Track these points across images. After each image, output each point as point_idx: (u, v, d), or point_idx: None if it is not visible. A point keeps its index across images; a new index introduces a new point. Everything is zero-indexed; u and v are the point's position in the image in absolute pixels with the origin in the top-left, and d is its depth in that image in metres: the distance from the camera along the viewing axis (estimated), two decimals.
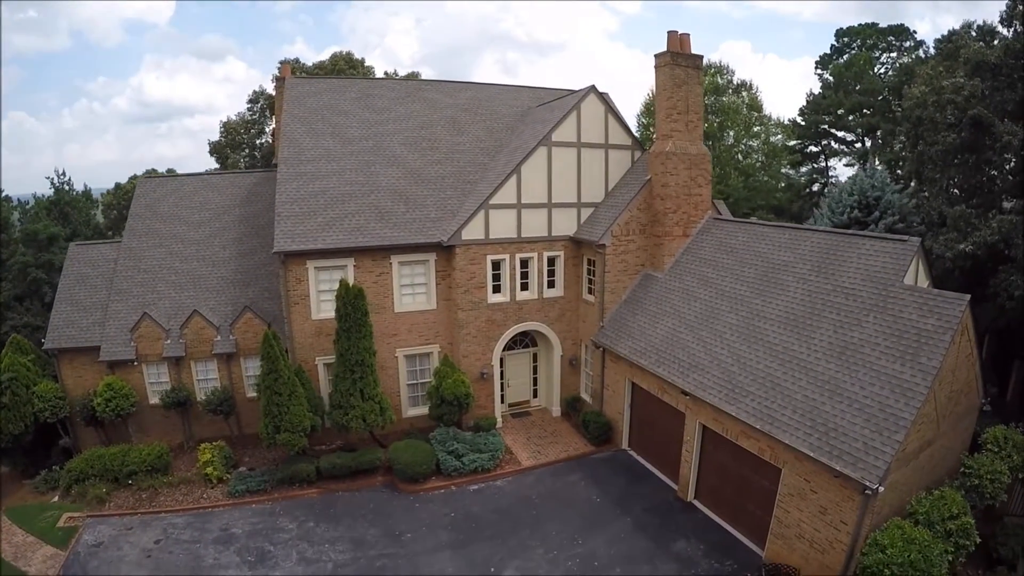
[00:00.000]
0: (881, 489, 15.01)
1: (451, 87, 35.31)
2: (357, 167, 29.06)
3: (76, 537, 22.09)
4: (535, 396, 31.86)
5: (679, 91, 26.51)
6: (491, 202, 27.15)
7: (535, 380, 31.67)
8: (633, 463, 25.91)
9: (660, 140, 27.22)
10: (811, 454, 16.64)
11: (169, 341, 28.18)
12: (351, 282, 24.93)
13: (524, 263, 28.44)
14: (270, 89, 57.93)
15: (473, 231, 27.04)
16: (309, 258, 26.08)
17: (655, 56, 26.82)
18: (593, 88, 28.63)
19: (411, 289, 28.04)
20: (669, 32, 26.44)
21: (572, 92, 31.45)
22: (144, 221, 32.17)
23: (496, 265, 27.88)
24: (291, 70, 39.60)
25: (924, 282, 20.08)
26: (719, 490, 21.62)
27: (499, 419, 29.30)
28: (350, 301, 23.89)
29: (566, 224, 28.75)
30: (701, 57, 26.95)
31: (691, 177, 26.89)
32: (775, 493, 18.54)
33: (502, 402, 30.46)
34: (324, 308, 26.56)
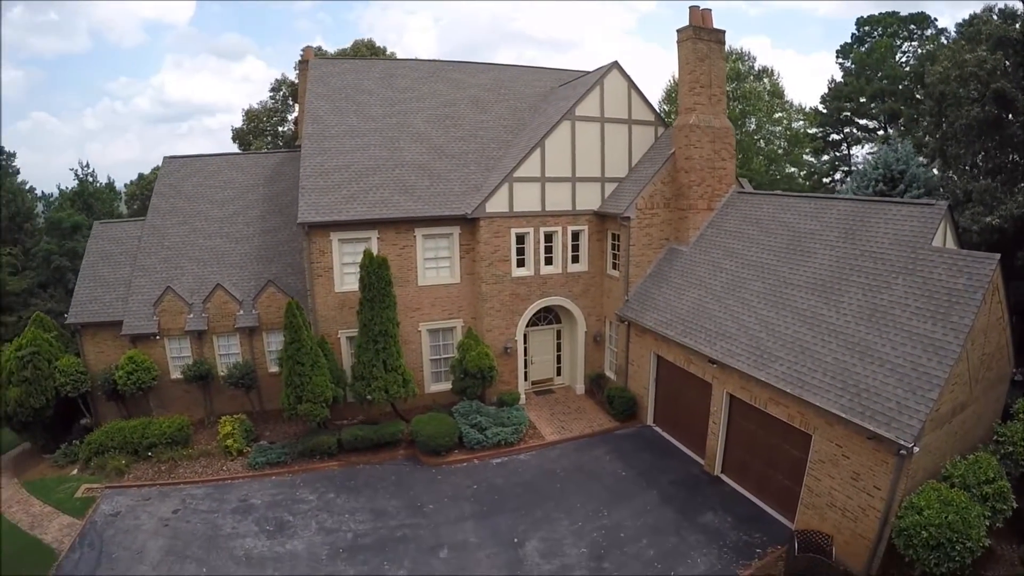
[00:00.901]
0: (916, 449, 14.69)
1: (473, 68, 35.22)
2: (381, 143, 29.04)
3: (93, 507, 22.12)
4: (559, 374, 31.64)
5: (702, 65, 26.34)
6: (515, 175, 27.04)
7: (559, 357, 31.46)
8: (658, 438, 25.64)
9: (683, 113, 27.08)
10: (843, 416, 16.33)
11: (192, 315, 28.20)
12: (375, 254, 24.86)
13: (548, 237, 28.29)
14: (292, 77, 58.21)
15: (497, 204, 26.93)
16: (333, 230, 26.05)
17: (677, 31, 26.66)
18: (616, 64, 28.50)
19: (435, 263, 27.96)
20: (691, 7, 26.29)
21: (595, 71, 31.30)
22: (168, 200, 32.31)
23: (520, 239, 27.77)
24: (313, 54, 39.66)
25: (952, 245, 19.75)
26: (747, 462, 21.29)
27: (522, 396, 29.11)
28: (374, 271, 23.83)
29: (590, 198, 28.60)
30: (723, 32, 26.69)
31: (715, 150, 26.67)
32: (805, 461, 18.21)
33: (525, 379, 30.29)
34: (347, 281, 26.55)
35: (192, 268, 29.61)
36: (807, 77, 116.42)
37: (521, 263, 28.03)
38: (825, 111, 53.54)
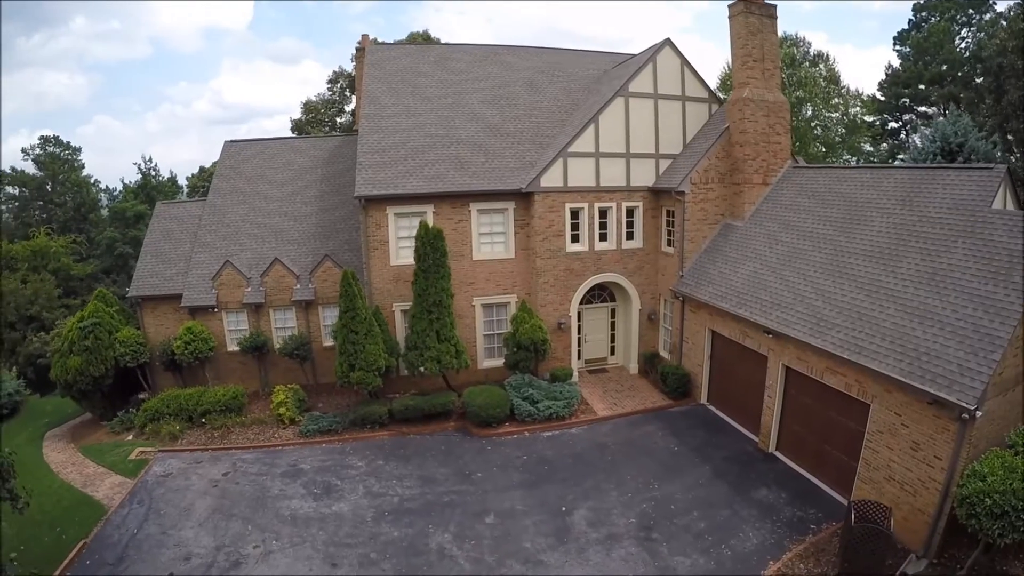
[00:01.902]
0: (979, 413, 14.21)
1: (527, 52, 35.44)
2: (436, 122, 29.36)
3: (145, 468, 22.76)
4: (612, 353, 31.46)
5: (754, 39, 26.08)
6: (569, 150, 27.03)
7: (612, 337, 31.29)
8: (712, 416, 25.33)
9: (737, 88, 26.85)
10: (903, 380, 15.87)
11: (250, 289, 28.78)
12: None
13: (603, 213, 28.20)
14: (350, 69, 59.14)
15: (552, 179, 26.96)
16: (389, 204, 26.41)
17: (729, 6, 26.43)
18: (668, 41, 28.38)
19: (489, 238, 28.12)
20: None
21: (648, 49, 31.21)
22: (229, 181, 33.16)
23: (575, 214, 27.72)
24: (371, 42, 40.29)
25: (1012, 207, 19.21)
26: (802, 438, 20.88)
27: (575, 373, 29.01)
28: (429, 241, 24.08)
29: (644, 175, 28.42)
30: (775, 6, 26.38)
31: (769, 124, 26.34)
32: (862, 433, 17.79)
33: (579, 358, 30.21)
34: (403, 255, 26.88)
35: (251, 244, 30.26)
36: (866, 71, 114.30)
37: (575, 239, 27.97)
38: (883, 98, 52.55)
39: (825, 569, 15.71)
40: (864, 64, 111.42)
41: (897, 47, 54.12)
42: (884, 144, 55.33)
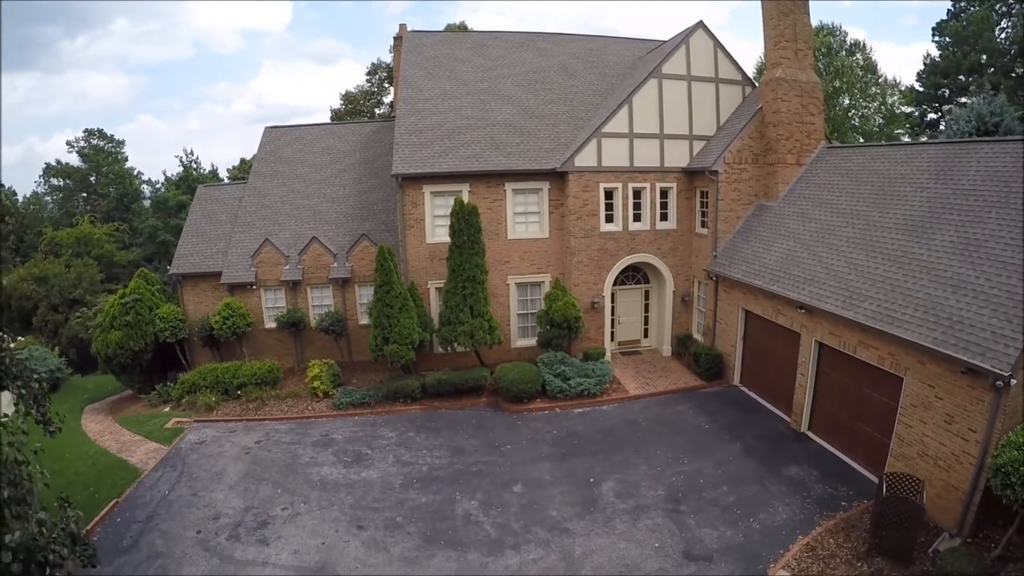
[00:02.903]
0: (1013, 381, 14.03)
1: (562, 38, 35.77)
2: (472, 104, 29.78)
3: (180, 436, 23.40)
4: (645, 336, 31.57)
5: (786, 19, 26.09)
6: (603, 130, 27.25)
7: (646, 319, 31.42)
8: (744, 397, 25.32)
9: (770, 68, 26.94)
10: (936, 348, 15.74)
11: (288, 266, 29.34)
12: None
13: (637, 193, 28.32)
14: (388, 60, 59.93)
15: (586, 158, 27.18)
16: (425, 182, 26.83)
17: None
18: (701, 23, 28.56)
19: (524, 217, 28.42)
20: None
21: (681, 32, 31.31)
22: (269, 164, 33.90)
23: (609, 194, 27.92)
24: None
25: None
26: (834, 416, 20.80)
27: (608, 353, 29.09)
28: (464, 217, 24.42)
29: (678, 156, 28.52)
30: None
31: (802, 105, 26.27)
32: (895, 408, 17.66)
33: (612, 339, 30.40)
34: (438, 233, 27.28)
35: (290, 225, 30.86)
36: (907, 67, 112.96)
37: (609, 219, 28.15)
38: (921, 89, 51.89)
39: (856, 544, 15.61)
40: (905, 61, 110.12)
41: (936, 38, 53.43)
42: (923, 137, 54.66)
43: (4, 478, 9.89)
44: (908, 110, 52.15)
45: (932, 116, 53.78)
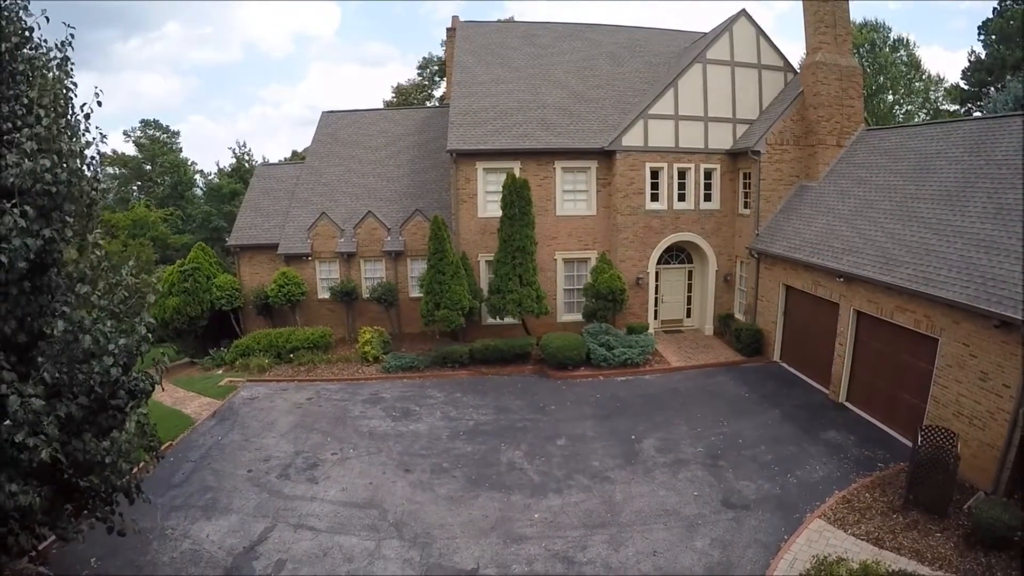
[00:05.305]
0: None
1: (610, 29, 36.74)
2: (524, 88, 30.96)
3: (234, 393, 24.75)
4: (688, 316, 32.27)
5: (825, 5, 26.70)
6: (650, 112, 28.20)
7: (689, 299, 32.10)
8: (784, 372, 25.92)
9: (810, 52, 27.71)
10: (970, 304, 16.27)
11: (343, 239, 30.62)
12: None
13: (682, 174, 29.17)
14: (439, 53, 61.17)
15: (633, 138, 28.14)
16: (478, 159, 28.08)
17: None
18: (743, 11, 29.36)
19: (572, 195, 29.45)
20: None
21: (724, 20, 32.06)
22: (325, 145, 35.35)
23: (655, 174, 28.81)
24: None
25: None
26: (872, 386, 21.33)
27: (651, 328, 29.89)
28: (516, 190, 25.53)
29: (722, 138, 29.31)
30: None
31: (842, 88, 26.85)
32: (931, 372, 18.15)
33: (655, 318, 31.16)
34: (490, 208, 28.48)
35: (345, 201, 32.20)
36: (955, 70, 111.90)
37: (655, 197, 29.02)
38: (967, 87, 51.82)
39: (891, 499, 16.08)
40: (953, 65, 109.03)
41: (981, 37, 53.35)
42: None
43: (117, 296, 11.12)
44: (953, 108, 52.07)
45: (977, 114, 53.61)
